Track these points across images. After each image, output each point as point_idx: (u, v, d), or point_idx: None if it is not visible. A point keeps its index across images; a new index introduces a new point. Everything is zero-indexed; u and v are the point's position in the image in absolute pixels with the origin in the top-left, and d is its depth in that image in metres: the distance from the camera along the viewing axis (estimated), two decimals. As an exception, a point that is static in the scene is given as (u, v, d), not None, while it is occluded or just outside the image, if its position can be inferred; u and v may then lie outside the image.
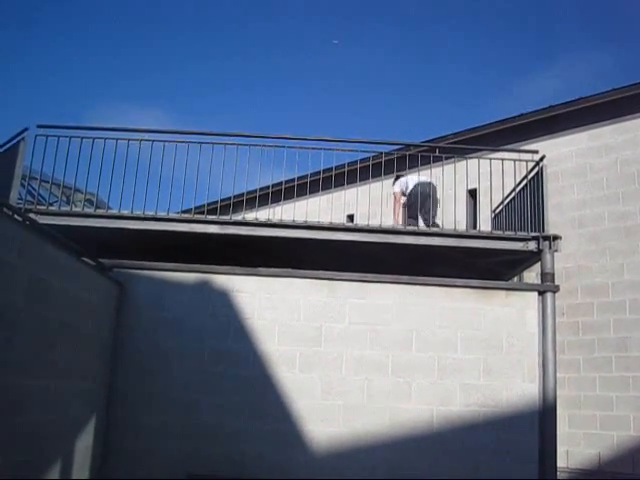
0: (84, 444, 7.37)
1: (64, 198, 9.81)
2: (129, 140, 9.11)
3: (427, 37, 45.87)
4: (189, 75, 50.52)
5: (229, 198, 9.64)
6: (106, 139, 9.06)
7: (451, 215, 9.93)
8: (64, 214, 9.12)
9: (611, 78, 46.02)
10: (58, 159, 8.91)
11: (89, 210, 9.39)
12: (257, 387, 8.23)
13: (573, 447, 11.55)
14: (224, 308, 8.45)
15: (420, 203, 10.25)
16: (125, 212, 9.13)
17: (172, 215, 9.17)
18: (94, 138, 9.02)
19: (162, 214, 9.10)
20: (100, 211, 9.37)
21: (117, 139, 9.08)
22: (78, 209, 9.36)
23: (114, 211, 9.34)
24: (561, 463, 9.80)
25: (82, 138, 9.00)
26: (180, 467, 7.91)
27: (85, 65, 48.63)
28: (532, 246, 8.93)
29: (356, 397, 8.23)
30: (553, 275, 8.74)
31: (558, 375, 8.52)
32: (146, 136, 9.22)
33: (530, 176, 9.35)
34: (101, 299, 7.91)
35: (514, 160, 9.37)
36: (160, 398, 8.18)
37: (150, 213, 9.09)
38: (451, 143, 13.51)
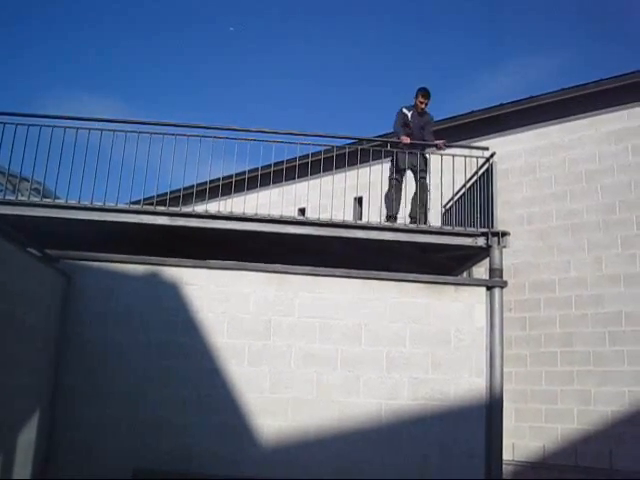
0: (27, 439, 7.23)
1: (10, 187, 9.59)
2: (77, 129, 8.94)
3: (381, 31, 45.99)
4: (144, 65, 49.82)
5: (179, 190, 9.53)
6: (54, 127, 8.86)
7: (402, 210, 9.99)
8: (9, 203, 8.92)
9: (563, 79, 46.81)
10: (3, 146, 8.73)
11: (35, 199, 9.19)
12: (205, 380, 8.18)
13: (519, 440, 11.74)
14: (173, 300, 8.37)
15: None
16: (73, 202, 8.95)
17: (120, 206, 9.03)
18: (41, 126, 8.82)
19: (110, 205, 8.94)
20: (47, 201, 9.17)
21: (65, 127, 8.90)
22: (24, 198, 9.14)
23: (61, 201, 9.15)
24: (507, 456, 9.96)
25: (29, 126, 8.79)
26: (127, 461, 7.82)
27: (39, 51, 47.57)
28: (481, 242, 9.03)
29: (305, 391, 8.23)
30: (501, 271, 8.86)
31: (505, 369, 8.65)
32: (96, 125, 9.07)
33: (480, 173, 9.45)
34: (47, 291, 7.77)
35: (465, 156, 9.46)
36: (107, 391, 8.07)
37: (98, 204, 8.94)
38: (403, 138, 13.54)
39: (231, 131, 9.35)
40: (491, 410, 8.32)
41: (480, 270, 10.97)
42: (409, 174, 10.26)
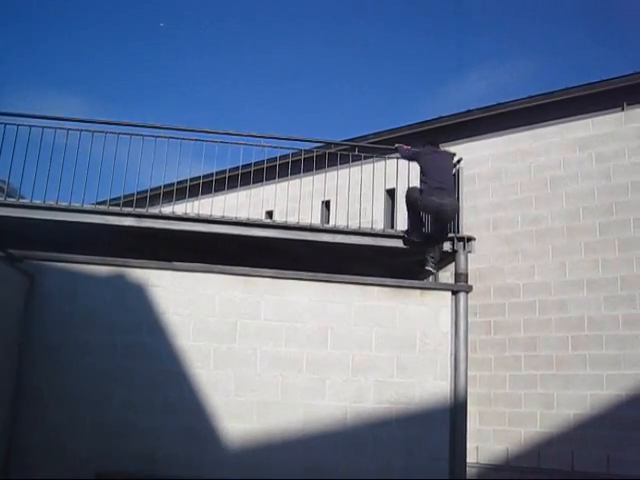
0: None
1: (-27, 186, 9.46)
2: (43, 127, 8.85)
3: (355, 33, 45.96)
4: (111, 63, 49.27)
5: (146, 191, 9.47)
6: (19, 125, 8.77)
7: (369, 214, 10.04)
8: (-28, 202, 8.80)
9: (535, 84, 47.27)
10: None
11: (-1, 199, 9.09)
12: (171, 383, 8.13)
13: (482, 443, 11.83)
14: (138, 302, 8.31)
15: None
16: (38, 202, 8.86)
17: (86, 206, 8.95)
18: (6, 124, 8.73)
19: (76, 205, 8.87)
20: (11, 200, 9.07)
21: (31, 126, 8.80)
22: (-13, 197, 9.04)
23: (26, 200, 9.06)
24: (471, 459, 10.03)
25: (-8, 123, 8.70)
26: (90, 465, 7.74)
27: (10, 47, 46.82)
28: (447, 247, 9.10)
29: (270, 394, 8.22)
30: (467, 275, 8.94)
31: (470, 373, 8.73)
32: (63, 124, 8.99)
33: (447, 178, 9.49)
34: (10, 291, 7.69)
35: (432, 161, 9.48)
36: (70, 394, 7.98)
37: (64, 204, 8.85)
38: (371, 143, 13.54)
39: (200, 133, 9.32)
40: (455, 413, 8.38)
41: (446, 275, 11.04)
42: None
